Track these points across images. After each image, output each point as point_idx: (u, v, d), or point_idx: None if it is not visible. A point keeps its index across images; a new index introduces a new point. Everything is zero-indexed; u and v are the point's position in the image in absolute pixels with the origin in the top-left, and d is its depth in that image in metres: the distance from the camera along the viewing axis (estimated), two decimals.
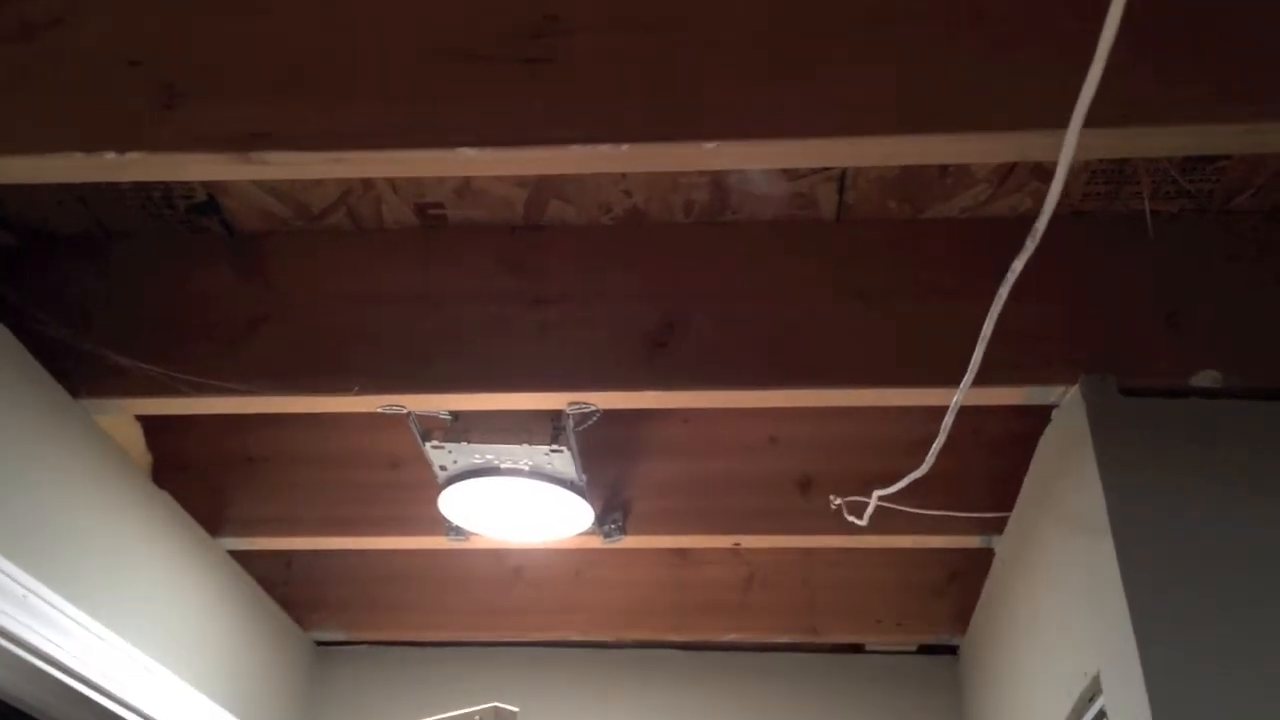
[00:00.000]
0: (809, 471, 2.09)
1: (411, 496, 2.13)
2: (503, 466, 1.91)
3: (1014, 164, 1.59)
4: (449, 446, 1.87)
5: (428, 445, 1.87)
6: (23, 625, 1.57)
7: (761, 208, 1.70)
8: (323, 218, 1.77)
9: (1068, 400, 1.62)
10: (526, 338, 1.69)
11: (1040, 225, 1.18)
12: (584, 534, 2.11)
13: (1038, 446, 1.80)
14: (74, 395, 1.73)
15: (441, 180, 1.67)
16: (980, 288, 1.39)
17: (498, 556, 2.55)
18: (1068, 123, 1.06)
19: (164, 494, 2.05)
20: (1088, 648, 1.54)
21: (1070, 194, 1.64)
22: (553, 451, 1.86)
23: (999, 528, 2.07)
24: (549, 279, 1.73)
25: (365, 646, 2.70)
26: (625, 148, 1.21)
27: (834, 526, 2.03)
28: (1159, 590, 1.37)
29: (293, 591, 2.54)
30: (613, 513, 2.11)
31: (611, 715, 2.60)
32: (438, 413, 1.83)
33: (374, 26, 1.28)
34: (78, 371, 1.71)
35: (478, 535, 2.13)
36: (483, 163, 1.24)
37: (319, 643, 2.70)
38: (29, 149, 1.24)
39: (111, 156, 1.23)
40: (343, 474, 2.17)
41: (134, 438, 1.99)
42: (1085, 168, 1.59)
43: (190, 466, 2.14)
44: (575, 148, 1.22)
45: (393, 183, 1.68)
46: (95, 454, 1.83)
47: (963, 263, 1.66)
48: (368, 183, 1.69)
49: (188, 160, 1.24)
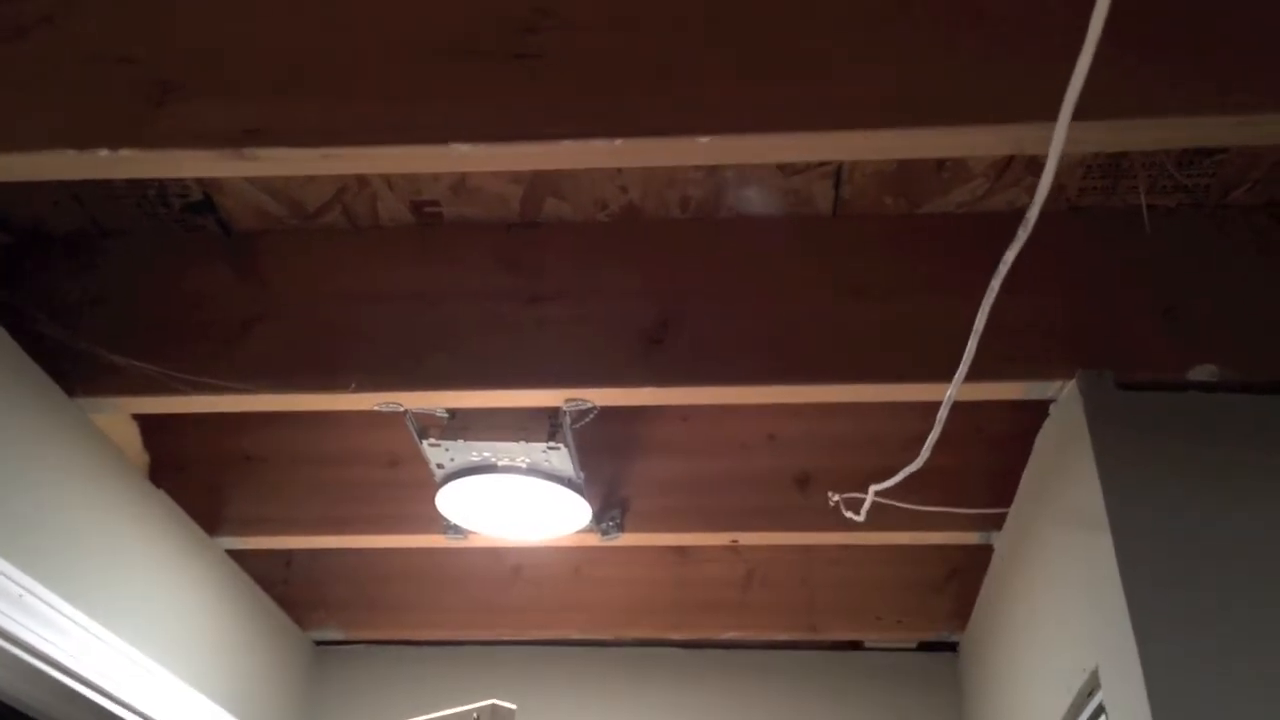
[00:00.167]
0: (807, 468, 2.09)
1: (409, 495, 2.13)
2: (500, 464, 1.91)
3: (1010, 158, 1.59)
4: (446, 444, 1.87)
5: (425, 443, 1.87)
6: (19, 624, 1.57)
7: (758, 205, 1.70)
8: (318, 216, 1.76)
9: (1065, 395, 1.62)
10: (523, 335, 1.69)
11: (1032, 215, 1.18)
12: (582, 531, 2.11)
13: (1036, 442, 1.80)
14: (70, 394, 1.73)
15: (437, 177, 1.67)
16: (977, 283, 1.38)
17: (496, 555, 2.55)
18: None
19: (161, 493, 2.05)
20: (1086, 643, 1.54)
21: (1067, 189, 1.64)
22: (550, 449, 1.86)
23: (998, 524, 2.06)
24: (545, 276, 1.73)
25: (364, 645, 2.70)
26: (619, 142, 1.21)
27: (833, 523, 2.03)
28: (1157, 584, 1.37)
29: (291, 591, 2.54)
30: (610, 510, 2.11)
31: (611, 713, 2.60)
32: (435, 410, 1.83)
33: (367, 23, 1.27)
34: (73, 370, 1.71)
35: (476, 533, 2.13)
36: (476, 158, 1.24)
37: (317, 642, 2.69)
38: (21, 146, 1.24)
39: (104, 153, 1.23)
40: (340, 473, 2.17)
41: (130, 437, 1.99)
42: (1081, 162, 1.59)
43: (187, 466, 2.14)
44: (569, 143, 1.21)
45: (388, 180, 1.68)
46: (92, 453, 1.83)
47: (959, 258, 1.65)
48: (363, 180, 1.69)
49: (180, 157, 1.24)
